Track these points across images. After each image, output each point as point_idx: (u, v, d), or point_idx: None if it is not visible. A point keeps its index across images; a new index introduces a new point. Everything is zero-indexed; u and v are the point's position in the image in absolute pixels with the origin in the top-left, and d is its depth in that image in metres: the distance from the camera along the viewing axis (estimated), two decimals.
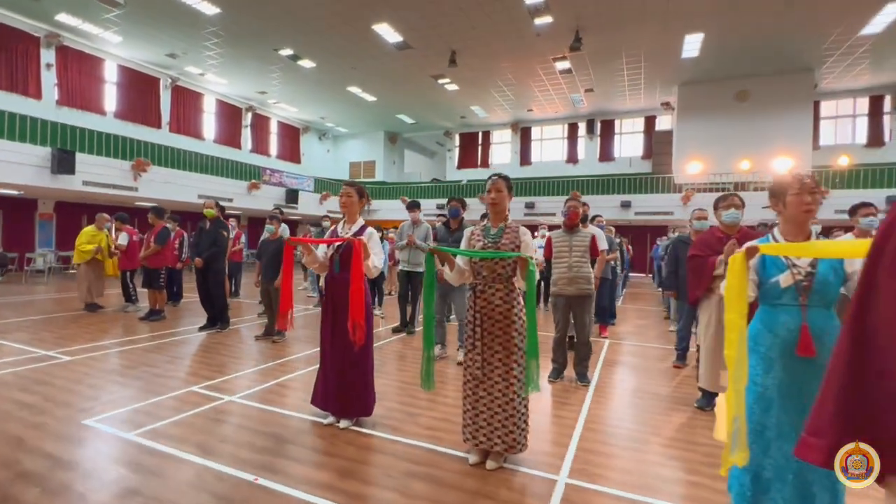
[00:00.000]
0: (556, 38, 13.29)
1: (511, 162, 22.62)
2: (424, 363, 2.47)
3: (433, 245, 5.75)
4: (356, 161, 24.80)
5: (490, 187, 2.51)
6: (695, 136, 17.13)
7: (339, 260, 2.90)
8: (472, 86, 17.36)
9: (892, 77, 16.08)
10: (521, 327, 2.41)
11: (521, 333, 2.41)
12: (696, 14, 11.82)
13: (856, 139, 17.65)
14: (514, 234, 2.48)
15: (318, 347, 4.83)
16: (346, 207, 2.98)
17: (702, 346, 3.40)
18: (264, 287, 5.31)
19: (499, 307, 2.41)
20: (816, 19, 12.08)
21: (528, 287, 2.25)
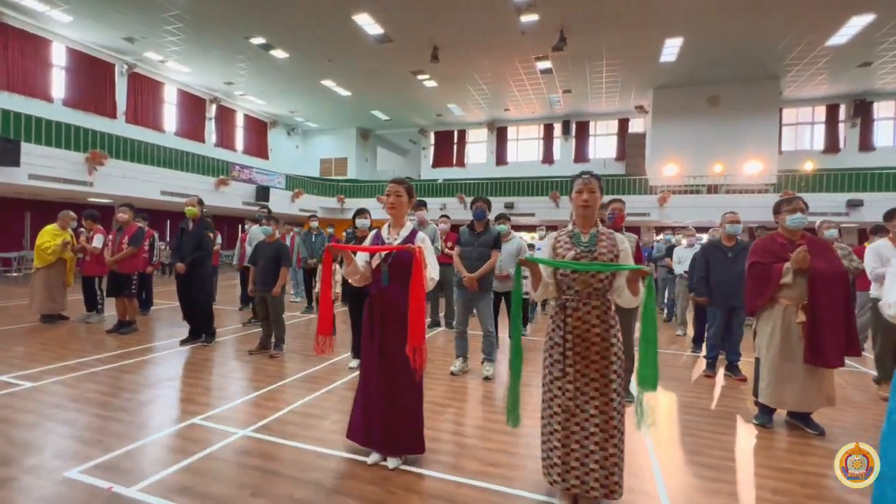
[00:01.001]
0: (541, 37, 13.15)
1: (487, 162, 22.46)
2: (511, 395, 2.09)
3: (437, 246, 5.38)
4: (327, 158, 23.93)
5: (581, 187, 2.16)
6: (669, 139, 17.51)
7: (389, 271, 2.47)
8: (451, 83, 17.02)
9: (847, 88, 17.00)
10: (619, 351, 2.08)
11: (620, 358, 2.08)
12: (679, 18, 11.98)
13: (814, 145, 18.60)
14: (611, 241, 2.14)
15: (321, 365, 4.53)
16: (394, 209, 2.56)
17: (762, 358, 3.19)
18: (259, 296, 4.75)
19: (595, 328, 2.07)
20: (789, 28, 12.51)
21: (647, 304, 1.91)
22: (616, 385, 2.07)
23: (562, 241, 2.19)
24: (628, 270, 2.01)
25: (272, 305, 4.71)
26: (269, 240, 4.80)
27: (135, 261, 5.62)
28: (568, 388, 2.09)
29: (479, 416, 3.31)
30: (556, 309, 2.16)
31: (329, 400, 3.50)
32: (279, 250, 4.71)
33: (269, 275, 4.67)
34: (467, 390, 3.85)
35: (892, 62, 14.59)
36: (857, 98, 17.71)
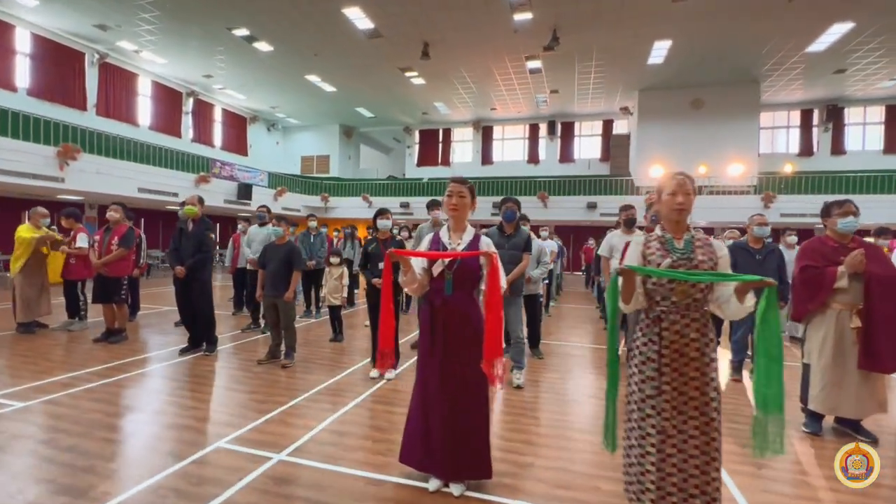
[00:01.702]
0: (533, 36, 13.08)
1: (473, 161, 22.34)
2: (609, 417, 1.91)
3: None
4: (309, 155, 23.34)
5: (675, 189, 1.98)
6: (655, 141, 17.76)
7: (454, 279, 2.25)
8: (440, 81, 16.80)
9: (820, 93, 17.63)
10: (717, 366, 1.93)
11: (717, 372, 1.93)
12: (671, 19, 12.09)
13: (789, 149, 19.24)
14: (709, 248, 1.98)
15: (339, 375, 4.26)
16: (456, 211, 2.34)
17: (814, 364, 3.12)
18: (269, 301, 4.43)
19: (695, 342, 1.91)
20: (774, 33, 12.82)
21: (770, 318, 1.75)
22: (716, 404, 1.91)
23: (653, 248, 2.02)
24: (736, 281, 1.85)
25: (283, 312, 4.40)
26: (280, 241, 4.48)
27: (125, 263, 5.19)
28: (664, 408, 1.92)
29: (524, 429, 3.12)
30: (649, 321, 1.99)
31: (360, 415, 3.25)
32: (290, 253, 4.41)
33: (281, 279, 4.36)
34: (501, 401, 3.66)
35: (864, 70, 15.18)
36: (830, 103, 18.40)
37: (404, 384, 3.99)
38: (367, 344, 5.47)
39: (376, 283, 4.01)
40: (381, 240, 4.18)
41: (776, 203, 15.37)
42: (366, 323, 6.60)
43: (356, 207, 19.66)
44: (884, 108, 18.15)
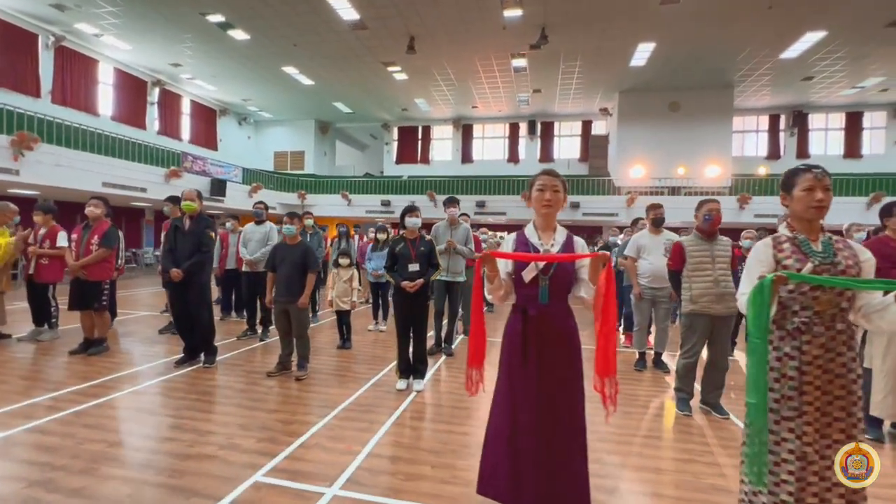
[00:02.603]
0: (522, 34, 12.95)
1: (453, 159, 22.10)
2: (754, 445, 1.67)
3: (469, 248, 4.89)
4: (282, 151, 22.46)
5: (813, 184, 1.77)
6: (634, 141, 18.03)
7: (549, 286, 1.97)
8: (423, 77, 16.45)
9: (787, 99, 18.39)
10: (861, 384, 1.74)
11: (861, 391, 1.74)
12: (657, 22, 12.21)
13: (758, 152, 19.99)
14: (850, 251, 1.78)
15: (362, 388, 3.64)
16: (551, 208, 2.05)
17: (877, 368, 3.03)
18: (281, 307, 4.01)
19: (841, 356, 1.70)
20: (752, 39, 13.18)
21: None
22: (862, 425, 1.72)
23: (786, 251, 1.80)
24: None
25: (296, 319, 4.00)
26: (291, 241, 4.06)
27: (106, 265, 4.62)
28: (806, 431, 1.71)
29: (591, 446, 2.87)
30: (784, 334, 1.77)
31: (404, 435, 2.92)
32: (305, 253, 4.00)
33: (294, 282, 3.95)
34: None
35: (830, 77, 15.90)
36: (796, 109, 19.24)
37: (435, 396, 3.68)
38: (379, 351, 5.12)
39: (407, 287, 3.67)
40: (410, 239, 3.84)
41: (751, 204, 15.89)
42: (369, 327, 6.22)
43: (334, 205, 19.03)
44: (844, 115, 19.12)
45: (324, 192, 19.76)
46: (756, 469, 1.69)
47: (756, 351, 1.64)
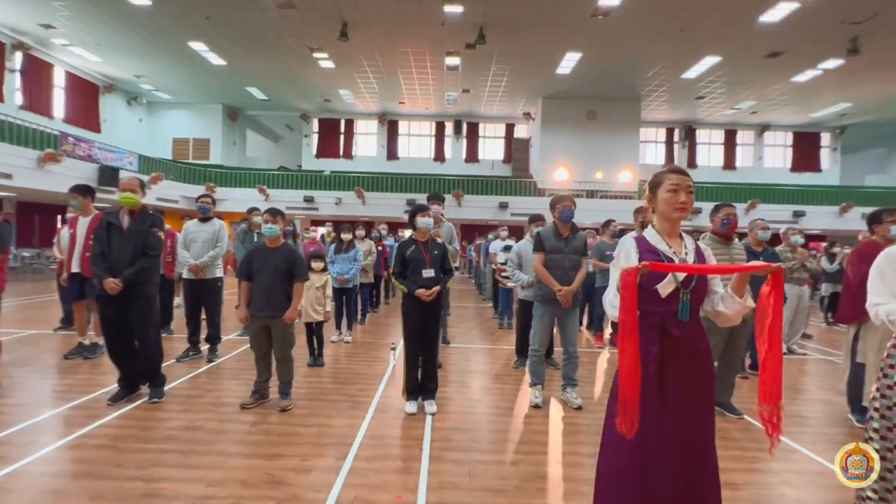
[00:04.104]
0: (459, 32, 12.82)
1: (378, 155, 21.38)
2: None
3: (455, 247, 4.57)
4: (183, 137, 19.92)
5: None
6: (556, 146, 18.93)
7: (691, 302, 1.71)
8: (350, 67, 15.60)
9: (680, 115, 20.62)
10: None
11: None
12: (585, 34, 12.81)
13: (657, 160, 22.18)
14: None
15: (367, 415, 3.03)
16: (685, 211, 1.78)
17: (870, 363, 3.29)
18: (260, 323, 3.30)
19: None
20: (662, 58, 14.48)
21: None
22: None
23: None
24: None
25: (280, 336, 3.32)
26: (273, 243, 3.36)
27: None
28: None
29: None
30: None
31: (451, 474, 2.48)
32: (290, 259, 3.33)
33: (278, 293, 3.27)
34: (584, 428, 3.18)
35: (716, 98, 18.11)
36: (687, 124, 21.69)
37: (454, 418, 3.28)
38: (358, 366, 4.55)
39: (423, 295, 3.22)
40: (422, 242, 3.38)
41: None
42: (332, 338, 5.55)
43: (250, 200, 17.20)
44: (723, 132, 21.99)
45: (236, 186, 17.87)
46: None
47: None
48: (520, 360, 4.73)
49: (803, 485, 2.47)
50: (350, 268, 5.43)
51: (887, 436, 1.78)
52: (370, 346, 5.44)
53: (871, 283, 1.84)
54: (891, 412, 1.78)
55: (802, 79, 15.42)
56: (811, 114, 19.46)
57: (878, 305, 1.78)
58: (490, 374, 4.44)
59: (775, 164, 22.02)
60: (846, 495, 2.34)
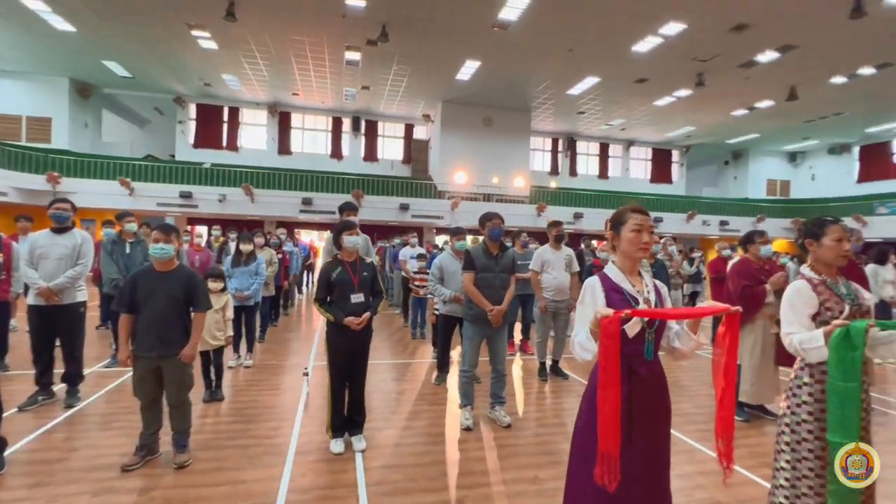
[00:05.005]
0: (361, 27, 12.36)
1: (268, 149, 19.78)
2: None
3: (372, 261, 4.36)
4: (12, 115, 16.29)
5: (841, 236, 2.00)
6: (455, 149, 19.33)
7: (655, 341, 1.74)
8: (237, 50, 14.13)
9: (564, 127, 22.49)
10: None
11: None
12: (485, 44, 13.22)
13: (544, 167, 23.93)
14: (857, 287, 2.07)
15: (287, 460, 2.69)
16: (648, 250, 1.80)
17: (745, 364, 3.82)
18: (149, 364, 2.71)
19: None
20: (550, 74, 15.58)
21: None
22: None
23: (825, 293, 2.01)
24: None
25: (174, 379, 2.75)
26: (164, 266, 2.77)
27: None
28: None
29: None
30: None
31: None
32: (189, 285, 2.78)
33: (173, 327, 2.71)
34: (519, 450, 3.17)
35: (595, 114, 20.08)
36: (569, 135, 23.74)
37: (388, 452, 3.05)
38: (265, 397, 4.05)
39: (352, 324, 2.93)
40: (349, 262, 3.07)
41: (546, 212, 18.84)
42: (230, 363, 4.89)
43: (109, 194, 14.70)
44: (599, 145, 24.51)
45: (89, 176, 15.06)
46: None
47: (852, 398, 1.74)
48: (441, 376, 4.64)
49: (712, 486, 2.73)
50: (251, 283, 4.82)
51: (796, 448, 2.00)
52: (275, 370, 4.89)
53: (784, 314, 2.07)
54: (799, 427, 2.01)
55: (661, 103, 17.79)
56: (666, 133, 22.62)
57: (790, 335, 2.00)
58: (414, 394, 4.27)
59: (639, 175, 25.16)
60: (755, 492, 2.65)
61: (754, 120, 19.34)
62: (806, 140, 22.99)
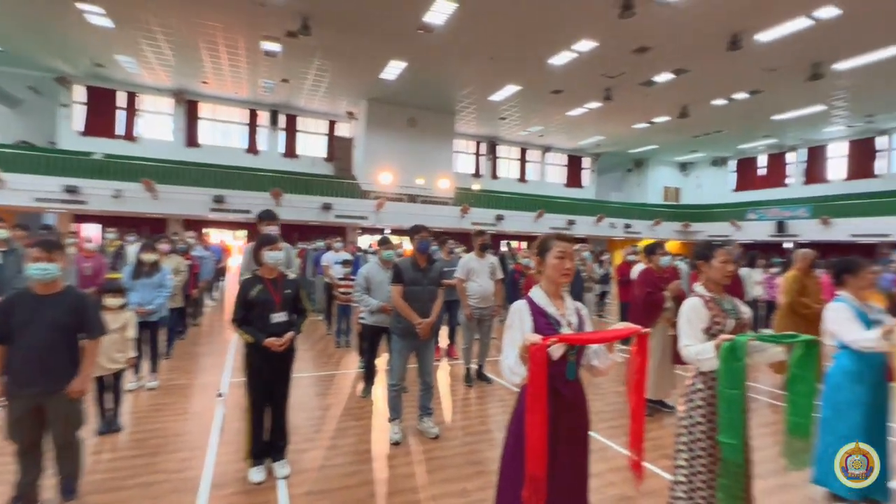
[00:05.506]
0: (281, 17, 11.75)
1: (174, 140, 18.11)
2: (730, 479, 2.00)
3: (293, 272, 4.21)
4: None
5: (726, 258, 2.27)
6: (381, 149, 19.08)
7: (576, 361, 1.85)
8: (136, 29, 12.75)
9: (486, 131, 23.16)
10: None
11: None
12: (410, 45, 13.22)
13: (467, 170, 24.44)
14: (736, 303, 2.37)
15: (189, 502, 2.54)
16: (569, 277, 1.89)
17: (649, 363, 4.20)
18: (28, 404, 2.33)
19: None
20: (473, 80, 15.98)
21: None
22: None
23: (715, 310, 2.27)
24: None
25: (60, 417, 2.40)
26: (45, 289, 2.39)
27: None
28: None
29: None
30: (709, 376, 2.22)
31: None
32: (79, 309, 2.43)
33: (58, 358, 2.36)
34: (447, 461, 3.21)
35: (514, 120, 20.90)
36: (491, 139, 24.50)
37: (313, 476, 2.93)
38: (170, 422, 3.70)
39: (273, 345, 2.77)
40: (270, 280, 2.89)
41: (470, 214, 19.29)
42: (129, 385, 4.40)
43: None
44: (519, 149, 25.59)
45: None
46: (732, 496, 2.07)
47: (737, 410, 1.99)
48: (367, 388, 4.57)
49: (622, 482, 2.99)
50: (155, 296, 4.37)
51: (692, 447, 2.26)
52: (184, 392, 4.49)
53: (681, 328, 2.32)
54: (694, 428, 2.25)
55: (574, 113, 19.01)
56: (578, 141, 24.24)
57: (687, 346, 2.25)
58: (340, 409, 4.16)
59: (555, 179, 26.68)
60: (656, 484, 2.93)
61: (653, 133, 21.39)
62: (694, 153, 25.91)
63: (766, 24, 11.07)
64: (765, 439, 3.72)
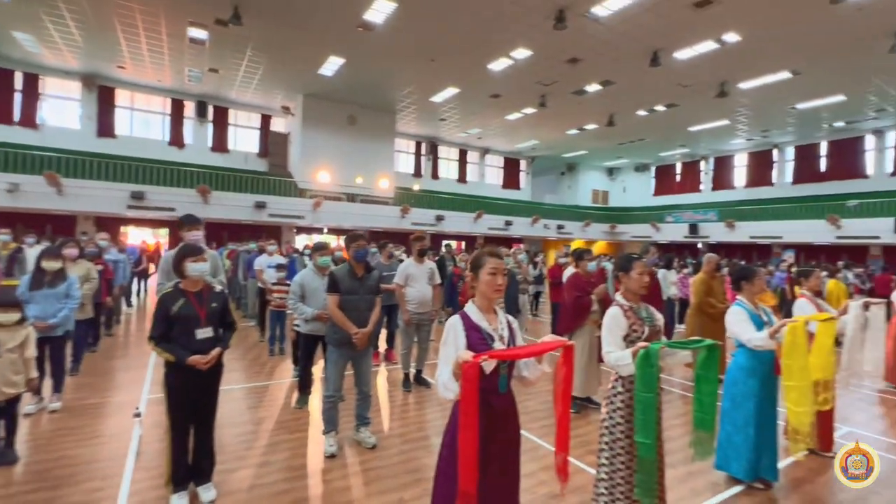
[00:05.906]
0: (208, 3, 11.03)
1: (83, 129, 16.44)
2: (644, 475, 2.18)
3: (220, 279, 4.04)
4: None
5: (643, 270, 2.47)
6: (318, 146, 18.52)
7: (508, 374, 1.92)
8: (35, 4, 11.38)
9: (427, 131, 23.22)
10: None
11: None
12: (349, 42, 12.95)
13: (408, 169, 24.39)
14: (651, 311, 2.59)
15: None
16: (501, 292, 1.96)
17: (577, 363, 4.46)
18: None
19: None
20: (414, 80, 15.97)
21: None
22: None
23: (633, 318, 2.46)
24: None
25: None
26: None
27: None
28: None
29: None
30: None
31: None
32: None
33: None
34: (383, 472, 3.21)
35: (454, 122, 21.12)
36: (431, 140, 24.61)
37: (242, 499, 2.81)
38: (68, 448, 3.38)
39: (198, 363, 2.61)
40: (194, 293, 2.71)
41: (410, 214, 19.26)
42: (27, 408, 3.95)
43: None
44: (459, 150, 25.92)
45: None
46: (647, 489, 2.25)
47: (650, 411, 2.18)
48: (302, 398, 4.44)
49: (553, 481, 3.15)
50: (59, 308, 3.95)
51: (613, 446, 2.44)
52: (95, 412, 4.10)
53: (604, 336, 2.49)
54: (615, 429, 2.44)
55: (511, 118, 19.58)
56: (515, 145, 25.02)
57: (609, 353, 2.42)
58: (273, 422, 4.00)
59: (493, 181, 27.33)
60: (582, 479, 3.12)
61: (583, 139, 22.58)
62: (619, 158, 27.69)
63: (681, 45, 12.09)
64: (676, 430, 4.08)
